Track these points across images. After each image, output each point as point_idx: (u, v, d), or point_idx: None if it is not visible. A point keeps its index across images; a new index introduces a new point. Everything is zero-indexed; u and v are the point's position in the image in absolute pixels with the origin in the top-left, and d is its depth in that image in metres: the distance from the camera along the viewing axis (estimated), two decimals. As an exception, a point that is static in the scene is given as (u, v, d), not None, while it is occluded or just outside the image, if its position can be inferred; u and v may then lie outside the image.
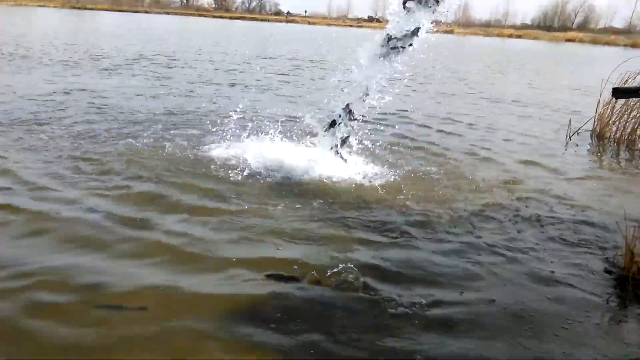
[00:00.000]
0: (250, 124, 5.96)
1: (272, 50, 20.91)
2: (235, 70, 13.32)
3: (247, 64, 14.93)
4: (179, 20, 54.34)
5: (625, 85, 6.68)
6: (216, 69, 13.17)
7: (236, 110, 6.52)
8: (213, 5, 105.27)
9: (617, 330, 2.80)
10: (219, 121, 6.64)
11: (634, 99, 7.28)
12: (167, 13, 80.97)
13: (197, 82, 10.69)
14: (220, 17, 79.80)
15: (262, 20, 76.96)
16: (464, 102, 10.66)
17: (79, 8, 74.32)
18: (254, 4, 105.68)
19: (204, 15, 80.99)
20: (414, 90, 11.45)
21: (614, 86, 3.46)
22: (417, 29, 4.49)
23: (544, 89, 14.16)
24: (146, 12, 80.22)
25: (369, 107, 4.97)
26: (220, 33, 33.46)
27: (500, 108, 10.19)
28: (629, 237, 3.35)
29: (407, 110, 8.70)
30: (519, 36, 71.62)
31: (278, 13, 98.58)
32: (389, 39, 4.62)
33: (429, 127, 7.67)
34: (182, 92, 9.25)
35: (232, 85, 10.64)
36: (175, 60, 14.66)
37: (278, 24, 68.08)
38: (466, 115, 8.95)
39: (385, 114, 7.88)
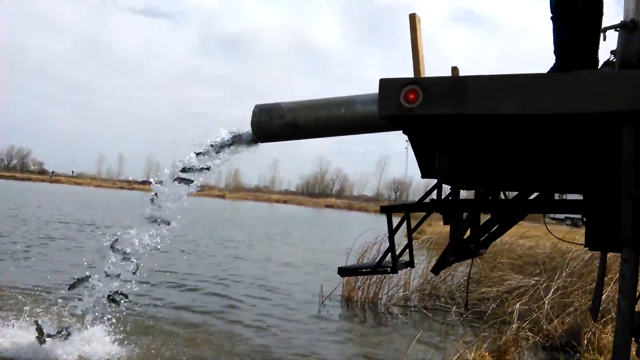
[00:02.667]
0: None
1: (26, 213, 19.09)
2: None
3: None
4: None
5: (352, 264, 7.56)
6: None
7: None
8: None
9: None
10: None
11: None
12: None
13: None
14: (-30, 173, 71.67)
15: (22, 179, 70.80)
16: (232, 264, 11.03)
17: None
18: (14, 162, 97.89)
19: (-52, 172, 71.87)
20: (186, 254, 11.41)
21: (340, 266, 4.03)
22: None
23: (305, 252, 15.38)
24: None
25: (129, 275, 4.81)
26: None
27: (265, 270, 10.79)
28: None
29: (174, 273, 8.56)
30: (285, 201, 77.86)
31: (42, 172, 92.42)
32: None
33: (194, 290, 7.91)
34: None
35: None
36: None
37: (41, 183, 63.53)
38: (232, 275, 9.28)
39: (156, 277, 7.69)
